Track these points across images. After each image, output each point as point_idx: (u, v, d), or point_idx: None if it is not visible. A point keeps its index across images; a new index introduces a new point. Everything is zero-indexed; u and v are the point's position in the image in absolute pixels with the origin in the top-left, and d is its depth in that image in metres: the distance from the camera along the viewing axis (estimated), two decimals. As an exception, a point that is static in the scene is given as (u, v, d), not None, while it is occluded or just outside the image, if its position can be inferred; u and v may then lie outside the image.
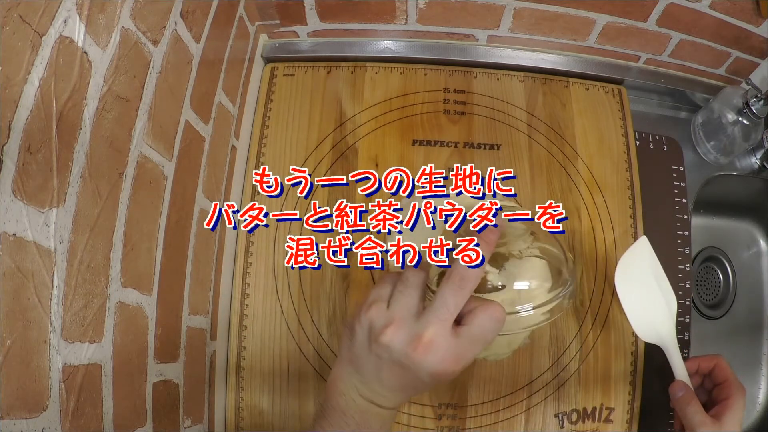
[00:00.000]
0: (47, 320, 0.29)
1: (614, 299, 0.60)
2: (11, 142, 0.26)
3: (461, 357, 0.35)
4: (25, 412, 0.28)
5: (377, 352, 0.35)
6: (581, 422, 0.57)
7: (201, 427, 0.52)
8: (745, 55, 0.67)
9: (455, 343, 0.34)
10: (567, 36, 0.66)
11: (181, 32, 0.44)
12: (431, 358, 0.34)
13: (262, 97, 0.65)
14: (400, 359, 0.34)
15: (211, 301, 0.54)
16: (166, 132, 0.43)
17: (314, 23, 0.65)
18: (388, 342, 0.34)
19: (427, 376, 0.35)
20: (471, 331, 0.34)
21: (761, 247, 0.83)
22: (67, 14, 0.30)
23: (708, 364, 0.51)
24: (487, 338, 0.35)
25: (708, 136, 0.69)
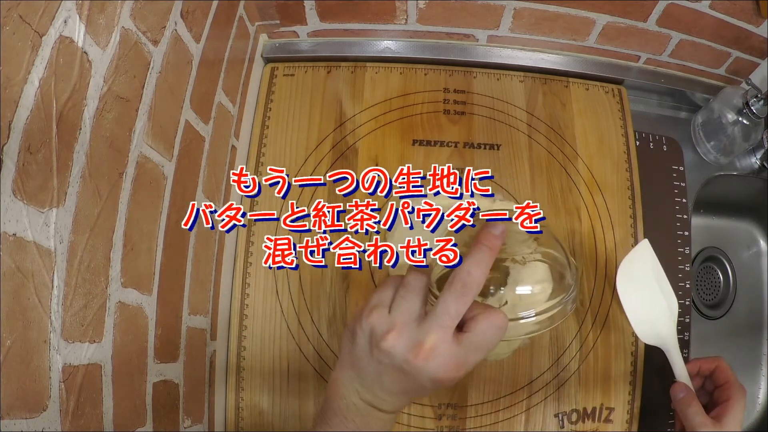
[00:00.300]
0: (47, 320, 0.29)
1: (614, 299, 0.60)
2: (11, 142, 0.26)
3: (463, 364, 0.35)
4: (25, 412, 0.28)
5: (378, 358, 0.35)
6: (581, 422, 0.57)
7: (201, 427, 0.52)
8: (745, 55, 0.67)
9: (457, 349, 0.34)
10: (567, 36, 0.66)
11: (181, 32, 0.44)
12: (433, 364, 0.34)
13: (262, 97, 0.65)
14: (401, 365, 0.34)
15: (211, 301, 0.54)
16: (166, 132, 0.43)
17: (314, 23, 0.65)
18: (389, 348, 0.34)
19: (428, 381, 0.34)
20: (473, 338, 0.34)
21: (761, 247, 0.83)
22: (67, 14, 0.30)
23: (709, 366, 0.51)
24: (489, 346, 0.35)
25: (708, 136, 0.69)
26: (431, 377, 0.34)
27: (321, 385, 0.57)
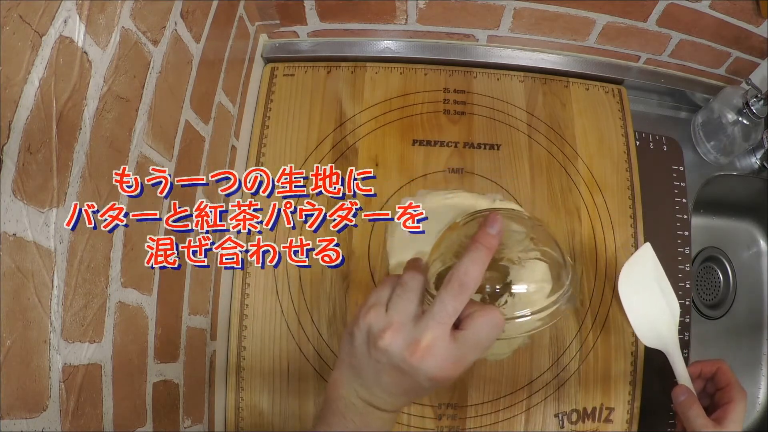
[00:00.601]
0: (47, 320, 0.29)
1: (614, 299, 0.60)
2: (11, 142, 0.26)
3: (460, 362, 0.35)
4: (25, 412, 0.28)
5: (376, 357, 0.35)
6: (581, 422, 0.57)
7: (201, 427, 0.52)
8: (745, 55, 0.67)
9: (454, 347, 0.34)
10: (567, 36, 0.66)
11: (181, 32, 0.44)
12: (430, 362, 0.34)
13: (262, 97, 0.65)
14: (398, 364, 0.34)
15: (211, 301, 0.54)
16: (166, 132, 0.43)
17: (314, 23, 0.65)
18: (386, 346, 0.34)
19: (425, 380, 0.34)
20: (469, 336, 0.34)
21: (761, 247, 0.83)
22: (67, 14, 0.30)
23: (710, 368, 0.51)
24: (486, 344, 0.35)
25: (708, 136, 0.69)
26: (428, 375, 0.34)
27: (321, 385, 0.57)
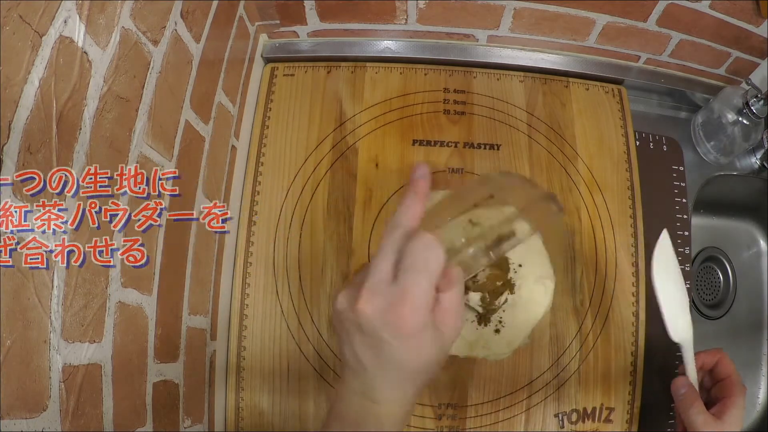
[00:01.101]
0: (47, 320, 0.29)
1: (614, 299, 0.60)
2: (11, 142, 0.26)
3: (402, 300, 0.33)
4: (25, 412, 0.28)
5: (357, 325, 0.34)
6: (581, 422, 0.57)
7: (201, 427, 0.52)
8: (745, 55, 0.67)
9: (392, 286, 0.33)
10: (567, 36, 0.66)
11: (181, 32, 0.44)
12: (376, 303, 0.33)
13: (262, 97, 0.65)
14: (350, 319, 0.34)
15: (211, 301, 0.54)
16: (166, 132, 0.43)
17: (314, 23, 0.65)
18: (338, 305, 0.34)
19: (389, 337, 0.33)
20: (406, 261, 0.33)
21: (761, 247, 0.83)
22: (67, 14, 0.30)
23: (711, 359, 0.50)
24: (422, 266, 0.33)
25: (708, 136, 0.69)
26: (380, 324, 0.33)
27: (321, 385, 0.57)
